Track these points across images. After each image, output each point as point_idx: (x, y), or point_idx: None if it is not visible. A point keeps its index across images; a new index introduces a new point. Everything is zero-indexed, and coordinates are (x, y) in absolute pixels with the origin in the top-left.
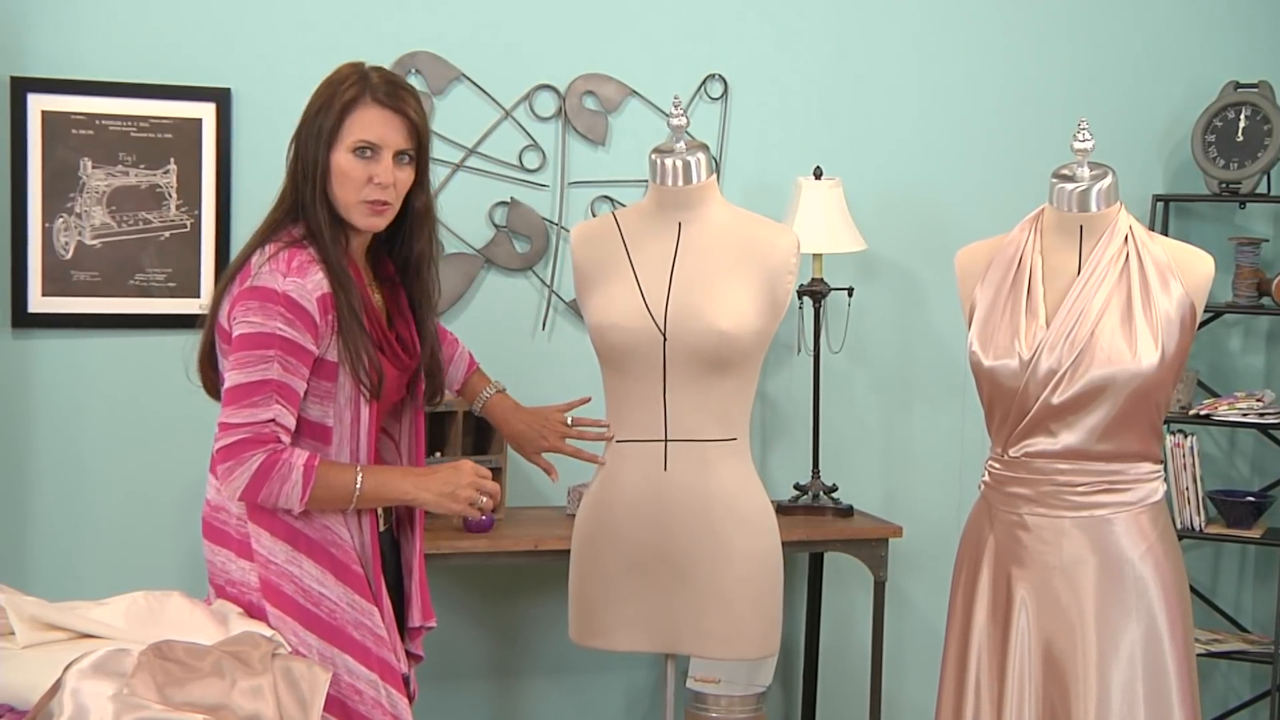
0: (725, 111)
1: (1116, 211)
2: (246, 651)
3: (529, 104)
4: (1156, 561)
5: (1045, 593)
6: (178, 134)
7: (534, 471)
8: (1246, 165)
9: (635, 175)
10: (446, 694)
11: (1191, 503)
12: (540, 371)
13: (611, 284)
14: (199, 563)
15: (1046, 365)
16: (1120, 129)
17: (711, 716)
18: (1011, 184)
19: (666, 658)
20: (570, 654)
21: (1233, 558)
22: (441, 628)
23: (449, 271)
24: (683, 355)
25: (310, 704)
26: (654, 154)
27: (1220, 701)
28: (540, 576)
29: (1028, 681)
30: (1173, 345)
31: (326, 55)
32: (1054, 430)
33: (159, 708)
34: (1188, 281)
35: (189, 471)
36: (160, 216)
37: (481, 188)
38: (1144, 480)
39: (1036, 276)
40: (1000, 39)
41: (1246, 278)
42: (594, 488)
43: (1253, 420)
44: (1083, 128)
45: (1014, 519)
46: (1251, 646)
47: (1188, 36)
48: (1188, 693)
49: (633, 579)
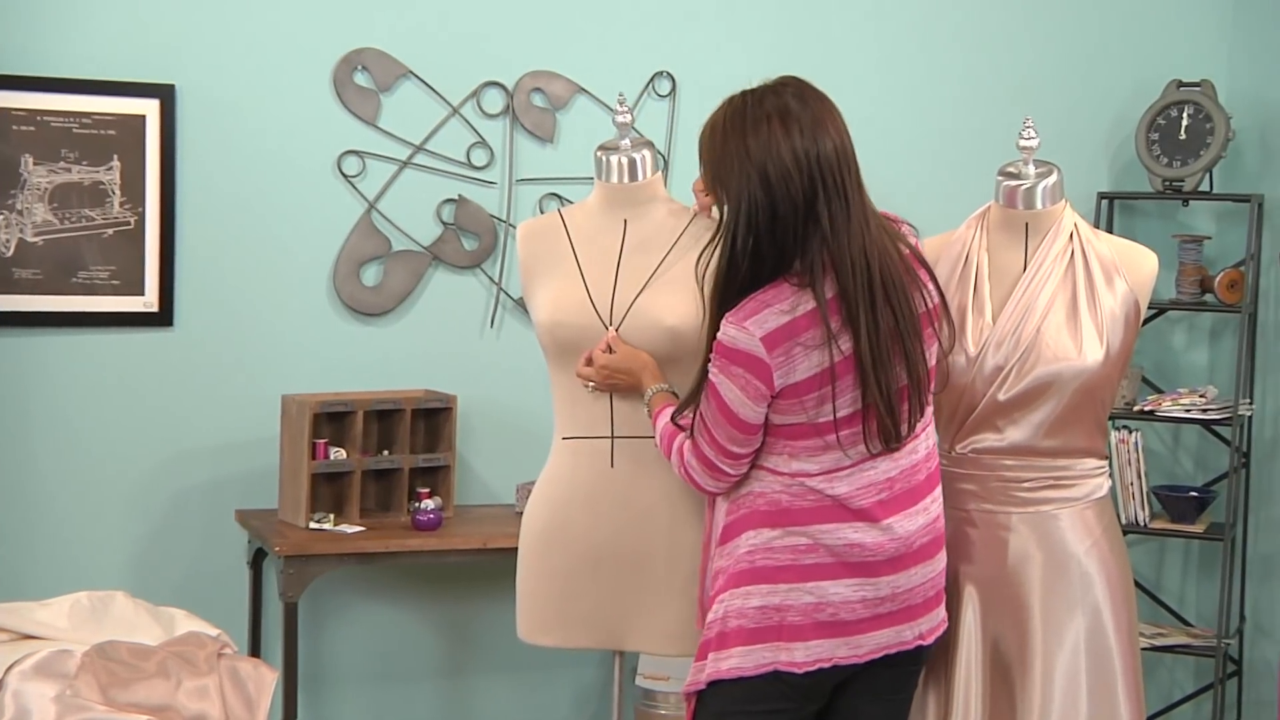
0: (674, 109)
1: (1062, 209)
2: (192, 651)
3: (477, 101)
4: (1102, 557)
5: (992, 588)
6: (121, 130)
7: (483, 469)
8: (1189, 163)
9: (584, 172)
10: (395, 692)
11: (1136, 498)
12: (488, 368)
13: (557, 281)
14: (145, 563)
15: (993, 362)
16: (1066, 127)
17: (661, 713)
18: (958, 181)
19: (615, 655)
20: (519, 652)
21: (1177, 552)
22: (390, 626)
23: (397, 269)
24: None
25: (257, 704)
26: (599, 151)
27: (1165, 695)
28: (489, 574)
29: (975, 677)
30: (1117, 342)
31: (272, 52)
32: (1000, 427)
33: (102, 709)
34: (1132, 278)
35: (134, 470)
36: (103, 214)
37: (429, 185)
38: (1089, 476)
39: (983, 274)
40: (948, 38)
41: (1190, 275)
42: (541, 485)
43: (1196, 416)
44: (1028, 126)
45: (961, 515)
46: (1195, 640)
47: (1132, 36)
48: (1132, 687)
49: (580, 576)
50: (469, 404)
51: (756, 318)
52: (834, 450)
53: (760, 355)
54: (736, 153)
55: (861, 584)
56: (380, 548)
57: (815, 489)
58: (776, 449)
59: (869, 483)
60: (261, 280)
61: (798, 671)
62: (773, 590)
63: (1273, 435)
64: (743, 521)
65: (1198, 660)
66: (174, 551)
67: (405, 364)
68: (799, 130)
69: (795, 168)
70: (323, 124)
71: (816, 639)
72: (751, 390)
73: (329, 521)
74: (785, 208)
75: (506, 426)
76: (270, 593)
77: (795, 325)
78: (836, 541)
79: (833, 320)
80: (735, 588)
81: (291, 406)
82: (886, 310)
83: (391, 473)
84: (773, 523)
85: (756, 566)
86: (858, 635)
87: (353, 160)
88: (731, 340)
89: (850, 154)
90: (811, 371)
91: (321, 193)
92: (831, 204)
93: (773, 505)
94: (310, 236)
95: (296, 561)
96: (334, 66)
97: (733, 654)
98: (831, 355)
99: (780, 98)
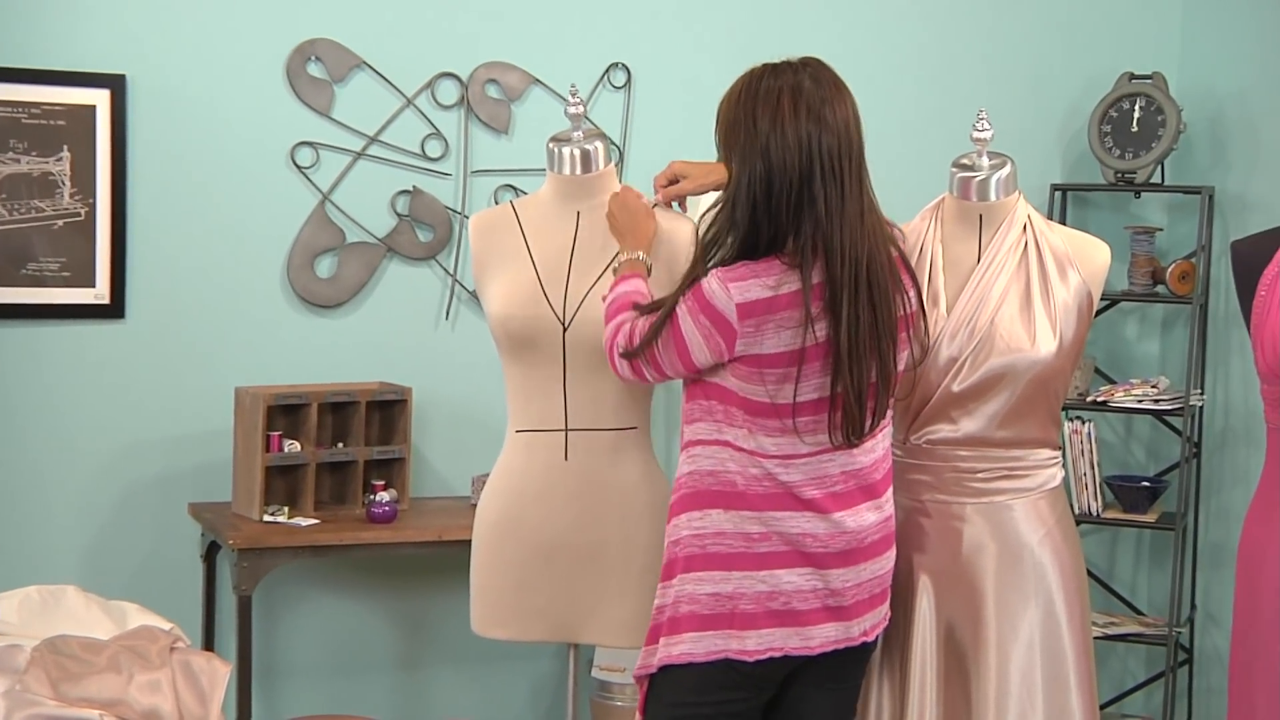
0: (629, 100)
1: (1015, 201)
2: (144, 646)
3: (431, 92)
4: (1055, 546)
5: (946, 578)
6: (71, 121)
7: (438, 461)
8: (1141, 155)
9: (539, 164)
10: (351, 685)
11: (1089, 488)
12: (443, 360)
13: (510, 273)
14: (97, 556)
15: (947, 353)
16: (1020, 119)
17: (617, 704)
18: (912, 173)
19: (570, 647)
20: (475, 644)
21: (1129, 542)
22: (345, 618)
23: (351, 260)
24: (582, 345)
25: (210, 697)
26: (552, 143)
27: (1117, 683)
28: (444, 567)
29: (930, 666)
30: (1070, 333)
31: (224, 41)
32: (955, 418)
33: (53, 704)
34: (1085, 270)
35: (86, 463)
36: (53, 205)
37: (383, 176)
38: (1043, 466)
39: (937, 265)
40: (903, 31)
41: (1142, 266)
42: (494, 478)
43: (1148, 407)
44: (982, 118)
45: (915, 505)
46: (1147, 629)
47: (1085, 29)
48: (1085, 675)
49: (534, 569)
50: (424, 396)
51: (741, 284)
52: (790, 435)
53: (730, 319)
54: (744, 122)
55: (814, 574)
56: (335, 540)
57: (770, 472)
58: (738, 422)
59: (822, 474)
60: (215, 272)
61: (749, 660)
62: (726, 577)
63: (1223, 425)
64: (689, 501)
65: (1149, 648)
66: (126, 545)
67: (360, 356)
68: (806, 110)
69: (796, 145)
70: (276, 115)
71: (768, 628)
72: (712, 343)
73: (283, 514)
74: (781, 183)
75: (462, 418)
76: (224, 586)
77: (775, 302)
78: (790, 529)
79: (814, 305)
80: (687, 572)
81: (245, 399)
82: (868, 305)
83: (346, 465)
84: (724, 504)
85: (709, 552)
86: (809, 626)
87: (306, 151)
88: (711, 294)
89: (854, 143)
90: (780, 349)
91: (275, 184)
92: (828, 187)
93: (726, 486)
94: (264, 228)
95: (250, 554)
96: (287, 57)
97: (684, 639)
98: (805, 338)
99: (797, 75)
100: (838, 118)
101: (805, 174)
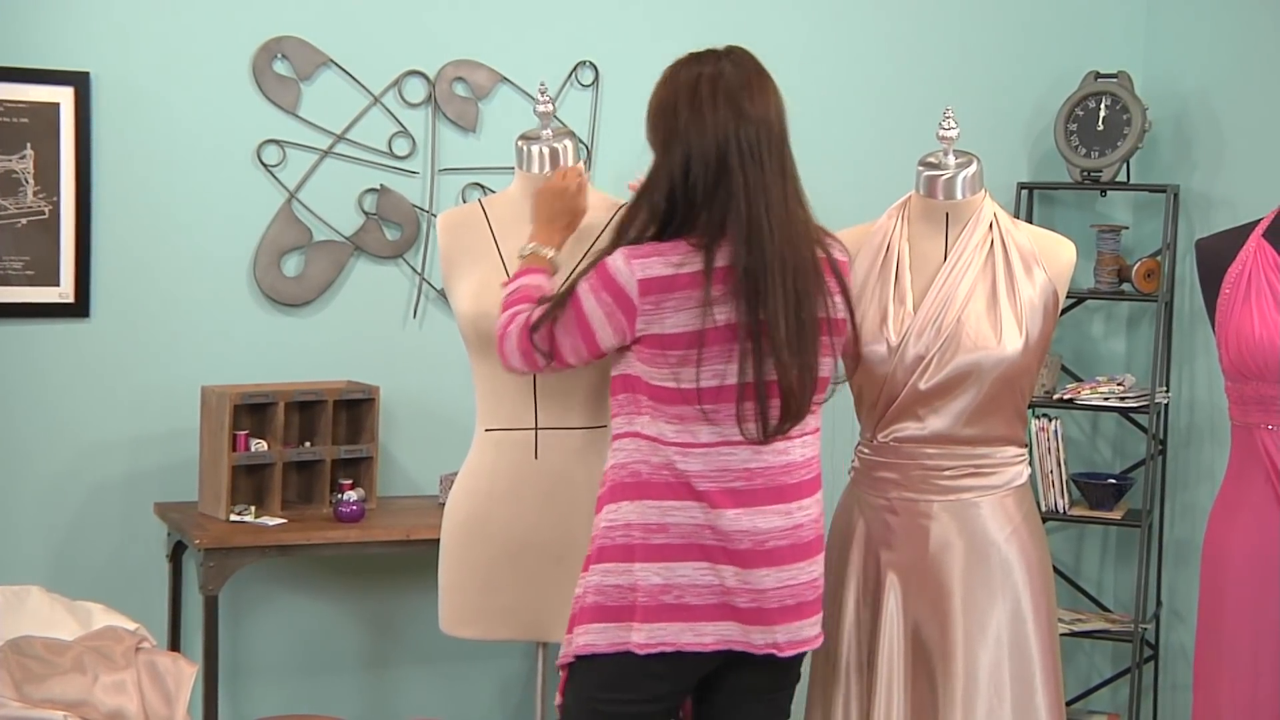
0: (596, 99)
1: (981, 199)
2: (109, 646)
3: (398, 90)
4: (1021, 544)
5: (914, 576)
6: (34, 118)
7: (406, 460)
8: (1107, 154)
9: (507, 162)
10: (318, 684)
11: (1055, 485)
12: (412, 359)
13: (479, 272)
14: (62, 557)
15: (914, 351)
16: (986, 118)
17: None
18: (879, 172)
19: (538, 646)
20: (443, 643)
21: (1095, 539)
22: (312, 618)
23: (318, 259)
24: None
25: (176, 698)
26: (520, 141)
27: (1083, 680)
28: (412, 566)
29: (897, 664)
30: (1036, 331)
31: (190, 38)
32: (921, 415)
33: (17, 705)
34: (1051, 268)
35: (50, 463)
36: (16, 203)
37: (351, 174)
38: (1009, 464)
39: (904, 263)
40: (869, 29)
41: (1107, 264)
42: (462, 477)
43: (1114, 404)
44: (948, 116)
45: (882, 503)
46: (1113, 625)
47: (1050, 27)
48: (1051, 672)
49: (503, 568)
50: (391, 395)
51: (644, 261)
52: (698, 422)
53: (631, 296)
54: (665, 104)
55: (710, 570)
56: (302, 540)
57: (670, 461)
58: (644, 409)
59: (722, 468)
60: (180, 271)
61: (639, 653)
62: (627, 569)
63: (1188, 423)
64: (608, 494)
65: (1115, 645)
66: (91, 545)
67: (327, 355)
68: (724, 95)
69: (713, 128)
70: (242, 113)
71: (660, 621)
72: (614, 322)
73: (250, 514)
74: (698, 169)
75: (429, 417)
76: (190, 586)
77: (675, 281)
78: (685, 521)
79: (715, 288)
80: (597, 563)
81: (211, 398)
82: (780, 295)
83: (313, 464)
84: (631, 495)
85: (616, 543)
86: (701, 622)
87: (273, 149)
88: (615, 270)
89: (774, 130)
90: (680, 329)
91: (241, 182)
92: (746, 172)
93: (633, 477)
94: (230, 226)
95: (217, 554)
96: (253, 54)
97: (590, 629)
98: (704, 320)
99: (718, 63)
100: (756, 105)
101: (721, 158)
